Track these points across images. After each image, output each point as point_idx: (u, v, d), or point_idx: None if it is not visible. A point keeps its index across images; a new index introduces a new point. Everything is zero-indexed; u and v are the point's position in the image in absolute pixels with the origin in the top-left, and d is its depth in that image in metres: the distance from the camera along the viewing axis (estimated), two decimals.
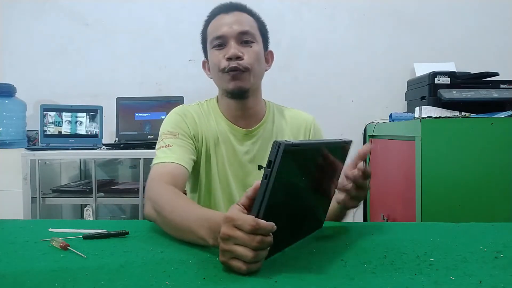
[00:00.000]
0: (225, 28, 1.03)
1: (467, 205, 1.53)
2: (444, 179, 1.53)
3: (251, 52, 1.04)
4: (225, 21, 1.04)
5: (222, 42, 1.04)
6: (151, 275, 0.57)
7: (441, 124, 1.55)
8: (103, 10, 2.45)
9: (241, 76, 1.02)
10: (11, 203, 2.00)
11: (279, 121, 1.16)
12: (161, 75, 2.45)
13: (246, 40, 1.04)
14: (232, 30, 1.03)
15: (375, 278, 0.56)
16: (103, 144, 2.20)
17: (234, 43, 1.02)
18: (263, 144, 1.10)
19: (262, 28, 1.10)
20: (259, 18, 1.11)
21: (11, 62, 2.46)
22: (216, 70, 1.05)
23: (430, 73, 1.89)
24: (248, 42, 1.04)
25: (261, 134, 1.12)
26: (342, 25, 2.43)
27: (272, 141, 0.67)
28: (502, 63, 2.26)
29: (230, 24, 1.03)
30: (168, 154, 0.99)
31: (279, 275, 0.57)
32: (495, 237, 0.76)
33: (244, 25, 1.04)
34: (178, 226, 0.75)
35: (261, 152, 1.10)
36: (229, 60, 1.02)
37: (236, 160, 1.10)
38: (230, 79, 1.03)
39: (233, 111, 1.10)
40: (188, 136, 1.06)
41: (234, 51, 1.01)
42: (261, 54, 1.08)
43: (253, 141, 1.11)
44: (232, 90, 1.04)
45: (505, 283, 0.54)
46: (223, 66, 1.02)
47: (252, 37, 1.05)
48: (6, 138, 2.21)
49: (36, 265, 0.63)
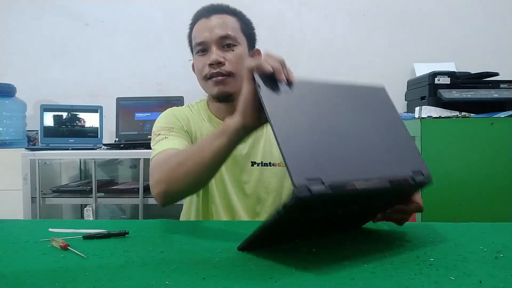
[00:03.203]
0: (205, 34, 1.02)
1: (467, 205, 1.53)
2: (444, 179, 1.53)
3: (233, 56, 1.02)
4: (206, 25, 1.03)
5: (204, 48, 1.03)
6: (151, 275, 0.57)
7: (441, 124, 1.55)
8: (103, 10, 2.45)
9: (224, 81, 1.01)
10: (11, 203, 2.00)
11: None
12: (161, 75, 2.45)
13: (228, 43, 1.02)
14: (212, 35, 1.01)
15: (375, 278, 0.56)
16: (103, 144, 2.20)
17: (215, 49, 1.01)
18: (255, 141, 1.09)
19: (245, 28, 1.08)
20: (242, 17, 1.09)
21: (11, 62, 2.46)
22: (200, 76, 1.05)
23: (430, 73, 1.89)
24: (230, 45, 1.03)
25: None
26: (342, 25, 2.43)
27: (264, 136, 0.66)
28: (502, 63, 2.25)
29: (210, 29, 1.02)
30: (166, 144, 0.97)
31: (279, 275, 0.57)
32: (495, 237, 0.76)
33: (225, 29, 1.02)
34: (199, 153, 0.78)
35: (253, 149, 1.09)
36: (210, 66, 1.01)
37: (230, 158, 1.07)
38: (214, 84, 1.02)
39: (223, 112, 1.09)
40: (182, 130, 1.05)
41: (214, 57, 1.00)
42: (245, 56, 1.06)
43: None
44: (217, 95, 1.03)
45: (505, 283, 0.54)
46: (205, 72, 1.02)
47: (234, 40, 1.03)
48: (6, 138, 2.22)
49: (36, 265, 0.63)
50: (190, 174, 0.81)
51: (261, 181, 1.08)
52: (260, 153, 1.09)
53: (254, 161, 1.08)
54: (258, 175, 1.08)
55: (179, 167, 0.82)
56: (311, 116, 0.60)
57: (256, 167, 1.08)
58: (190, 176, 0.81)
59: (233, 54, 1.02)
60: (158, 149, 0.96)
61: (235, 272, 0.59)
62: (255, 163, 1.08)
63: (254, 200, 1.08)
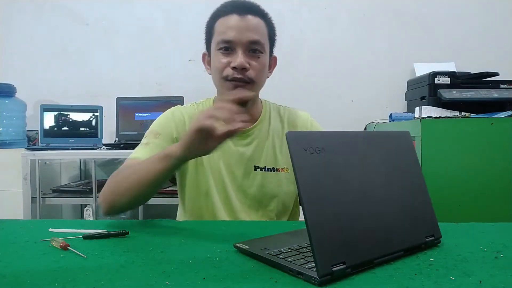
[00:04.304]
0: (234, 33, 0.97)
1: (467, 205, 1.53)
2: (444, 179, 1.53)
3: (258, 64, 0.99)
4: (236, 23, 0.97)
5: (228, 47, 0.98)
6: (151, 275, 0.57)
7: (441, 124, 1.55)
8: (103, 10, 2.45)
9: (244, 88, 0.98)
10: (11, 203, 2.00)
11: (275, 120, 1.13)
12: (161, 75, 2.45)
13: (255, 49, 0.98)
14: (242, 37, 0.97)
15: (375, 278, 0.56)
16: (103, 144, 2.20)
17: (241, 52, 0.97)
18: (259, 144, 1.07)
19: (271, 33, 1.05)
20: (270, 20, 1.05)
21: (11, 62, 2.46)
22: (218, 75, 1.00)
23: (430, 73, 1.89)
24: (257, 51, 0.99)
25: (256, 134, 1.08)
26: (342, 25, 2.43)
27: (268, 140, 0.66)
28: (502, 63, 2.26)
29: (241, 29, 0.97)
30: (140, 152, 0.99)
31: (279, 275, 0.57)
32: (495, 237, 0.76)
33: (256, 34, 0.98)
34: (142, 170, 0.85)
35: (257, 152, 1.07)
36: (234, 69, 0.97)
37: (232, 161, 1.06)
38: (232, 88, 0.98)
39: None
40: (169, 138, 1.03)
41: (241, 62, 0.96)
42: (267, 65, 1.04)
43: (248, 141, 1.07)
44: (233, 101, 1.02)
45: (505, 283, 0.54)
46: (226, 73, 0.98)
47: (262, 47, 1.00)
48: (6, 138, 2.21)
49: (36, 265, 0.63)
50: (131, 190, 0.87)
51: (264, 186, 1.05)
52: (264, 158, 1.07)
53: (258, 166, 1.06)
54: (260, 180, 1.05)
55: (124, 182, 0.88)
56: (339, 181, 0.61)
57: (259, 172, 1.06)
58: (131, 192, 0.87)
59: (258, 61, 0.99)
60: (132, 155, 1.00)
61: (235, 272, 0.59)
62: (258, 168, 1.06)
63: (256, 204, 1.05)
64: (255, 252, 0.65)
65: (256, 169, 1.06)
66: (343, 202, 0.59)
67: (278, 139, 1.10)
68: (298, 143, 0.57)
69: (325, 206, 0.57)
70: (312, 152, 0.58)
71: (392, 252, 0.62)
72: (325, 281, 0.53)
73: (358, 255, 0.58)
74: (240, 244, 0.69)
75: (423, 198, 0.73)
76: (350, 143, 0.65)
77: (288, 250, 0.65)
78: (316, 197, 0.56)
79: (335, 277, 0.54)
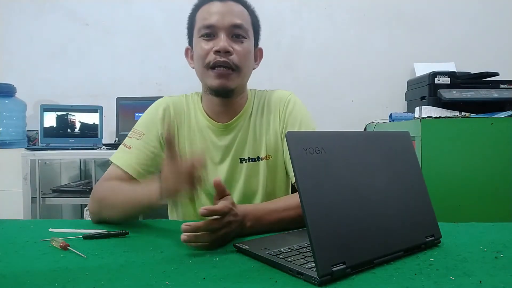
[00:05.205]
0: (216, 17, 0.94)
1: (467, 205, 1.53)
2: (444, 179, 1.53)
3: (242, 49, 0.96)
4: (218, 9, 0.95)
5: (211, 32, 0.95)
6: (151, 275, 0.57)
7: (441, 124, 1.55)
8: (103, 10, 2.45)
9: (229, 76, 0.95)
10: (11, 203, 2.00)
11: (258, 109, 1.08)
12: (161, 75, 2.45)
13: (237, 34, 0.95)
14: (224, 20, 0.94)
15: (375, 278, 0.56)
16: (103, 144, 2.20)
17: (224, 36, 0.94)
18: (243, 136, 1.04)
19: (255, 24, 1.02)
20: (253, 12, 1.03)
21: (11, 62, 2.46)
22: (200, 63, 0.97)
23: (430, 73, 1.89)
24: (240, 37, 0.96)
25: (240, 126, 1.05)
26: (342, 25, 2.43)
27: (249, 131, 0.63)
28: (502, 63, 2.26)
29: (222, 13, 0.94)
30: (124, 158, 1.00)
31: (279, 275, 0.57)
32: (495, 237, 0.76)
33: (238, 18, 0.95)
34: (125, 199, 0.87)
35: (241, 144, 1.04)
36: (217, 53, 0.93)
37: (217, 155, 1.04)
38: (216, 76, 0.95)
39: (214, 107, 1.03)
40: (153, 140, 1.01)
41: (224, 45, 0.92)
42: (252, 52, 1.01)
43: (233, 134, 1.04)
44: (216, 89, 0.96)
45: (505, 283, 0.54)
46: (209, 59, 0.94)
47: (245, 32, 0.97)
48: (6, 138, 2.21)
49: (36, 265, 0.63)
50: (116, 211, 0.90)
51: (251, 177, 1.03)
52: (247, 149, 1.04)
53: (243, 158, 1.04)
54: (247, 172, 1.03)
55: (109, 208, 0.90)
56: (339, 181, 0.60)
57: (245, 164, 1.03)
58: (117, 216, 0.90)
59: (242, 46, 0.96)
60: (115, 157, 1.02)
61: (235, 272, 0.59)
62: (243, 160, 1.04)
63: (245, 195, 1.03)
64: (255, 252, 0.65)
65: (242, 161, 1.04)
66: (343, 202, 0.59)
67: (259, 126, 1.06)
68: (298, 143, 0.57)
69: (325, 206, 0.57)
70: (312, 152, 0.58)
71: (392, 252, 0.63)
72: (325, 281, 0.53)
73: (358, 255, 0.58)
74: (240, 244, 0.69)
75: (423, 198, 0.73)
76: (350, 143, 0.65)
77: (288, 250, 0.65)
78: (316, 198, 0.56)
79: (335, 277, 0.54)
